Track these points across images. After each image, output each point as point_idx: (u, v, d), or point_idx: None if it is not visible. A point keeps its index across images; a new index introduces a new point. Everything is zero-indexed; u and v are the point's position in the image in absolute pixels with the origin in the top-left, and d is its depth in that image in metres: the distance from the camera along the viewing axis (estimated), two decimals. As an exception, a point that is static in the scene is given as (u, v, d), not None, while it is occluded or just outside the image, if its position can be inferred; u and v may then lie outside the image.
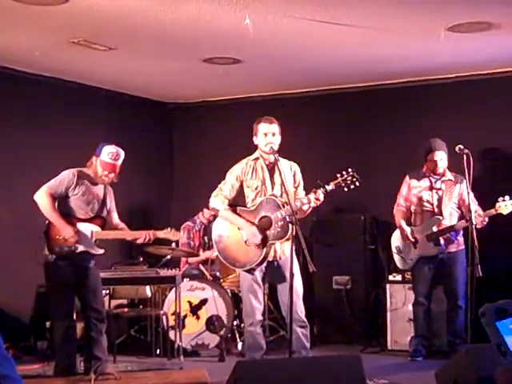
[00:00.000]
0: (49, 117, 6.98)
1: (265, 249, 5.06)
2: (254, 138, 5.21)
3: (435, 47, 6.06)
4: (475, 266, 5.19)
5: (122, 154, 5.28)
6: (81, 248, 5.18)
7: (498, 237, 6.45)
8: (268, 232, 5.05)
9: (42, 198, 5.14)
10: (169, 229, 5.40)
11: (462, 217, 6.04)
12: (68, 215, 5.19)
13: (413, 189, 6.16)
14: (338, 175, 4.96)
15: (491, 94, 6.90)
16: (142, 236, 5.27)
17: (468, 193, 5.40)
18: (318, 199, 4.94)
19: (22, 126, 6.74)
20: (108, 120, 7.49)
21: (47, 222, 5.18)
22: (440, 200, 6.08)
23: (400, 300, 6.51)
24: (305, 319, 5.15)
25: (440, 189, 6.10)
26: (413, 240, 6.06)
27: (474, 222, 5.36)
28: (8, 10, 5.04)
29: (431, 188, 6.12)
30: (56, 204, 5.18)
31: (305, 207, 5.01)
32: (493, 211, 5.76)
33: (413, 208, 6.19)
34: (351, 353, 6.13)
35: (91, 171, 5.28)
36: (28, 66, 6.69)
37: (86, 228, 5.21)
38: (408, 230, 6.11)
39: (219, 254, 5.33)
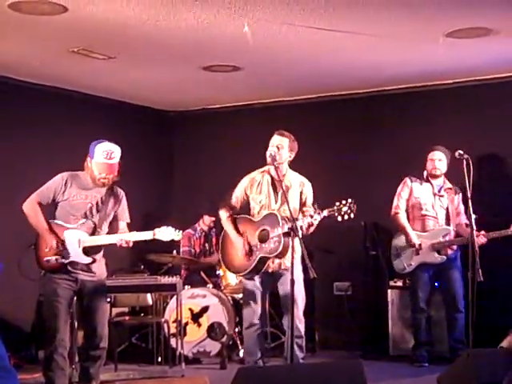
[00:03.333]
0: (49, 126, 6.98)
1: (254, 262, 5.18)
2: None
3: (434, 53, 6.07)
4: (476, 271, 5.19)
5: (117, 150, 4.84)
6: (68, 259, 4.81)
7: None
8: (264, 245, 5.16)
9: (27, 206, 4.89)
10: (161, 228, 4.90)
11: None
12: (57, 224, 4.88)
13: (415, 192, 6.15)
14: (337, 203, 4.97)
15: (490, 99, 6.90)
16: (120, 239, 4.80)
17: (468, 198, 5.40)
18: (310, 224, 5.03)
19: (22, 136, 6.74)
20: (108, 128, 7.45)
21: (37, 233, 4.92)
22: (447, 209, 6.10)
23: (401, 305, 6.50)
24: (301, 329, 5.20)
25: (442, 196, 6.12)
26: (418, 246, 6.05)
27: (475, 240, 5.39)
28: (7, 19, 5.06)
29: (434, 194, 6.13)
30: (42, 212, 4.88)
31: (304, 227, 5.06)
32: (508, 232, 5.77)
33: (410, 213, 6.20)
34: (352, 358, 6.13)
35: (88, 175, 4.88)
36: (28, 76, 6.71)
37: (74, 236, 4.83)
38: (414, 234, 6.10)
39: (220, 250, 5.50)
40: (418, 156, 6.42)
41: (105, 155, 4.79)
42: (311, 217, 4.98)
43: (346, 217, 4.96)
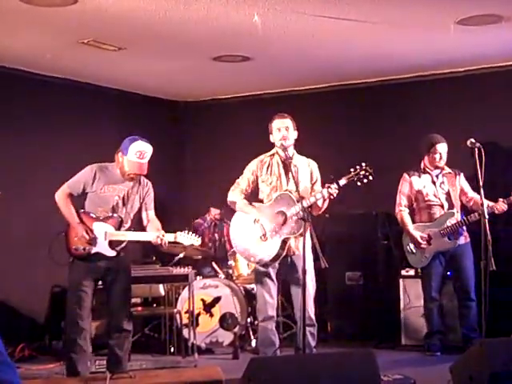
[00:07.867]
0: (61, 118, 7.01)
1: (277, 246, 5.10)
2: (271, 137, 5.32)
3: (445, 41, 6.03)
4: (489, 260, 5.17)
5: (150, 149, 4.97)
6: (94, 249, 4.98)
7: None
8: (284, 227, 5.11)
9: (58, 196, 5.04)
10: (183, 232, 5.08)
11: (464, 208, 6.08)
12: (86, 214, 5.03)
13: (416, 186, 6.16)
14: (352, 169, 5.01)
15: (502, 87, 6.86)
16: (154, 239, 4.98)
17: (480, 187, 5.37)
18: (331, 194, 4.97)
19: (35, 128, 6.78)
20: (119, 119, 7.51)
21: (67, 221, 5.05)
22: (448, 194, 6.10)
23: (413, 295, 6.48)
24: (313, 318, 5.20)
25: (442, 182, 6.14)
26: (425, 244, 6.06)
27: (492, 210, 5.51)
28: (17, 11, 5.07)
29: (433, 182, 6.14)
30: (72, 202, 5.03)
31: (319, 202, 5.07)
32: None
33: (415, 205, 6.20)
34: (365, 348, 6.13)
35: (118, 169, 5.03)
36: (39, 68, 6.72)
37: (101, 228, 4.99)
38: (417, 234, 6.10)
39: (236, 248, 5.42)
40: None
41: (138, 155, 4.93)
42: (328, 188, 4.92)
43: (365, 180, 4.96)
